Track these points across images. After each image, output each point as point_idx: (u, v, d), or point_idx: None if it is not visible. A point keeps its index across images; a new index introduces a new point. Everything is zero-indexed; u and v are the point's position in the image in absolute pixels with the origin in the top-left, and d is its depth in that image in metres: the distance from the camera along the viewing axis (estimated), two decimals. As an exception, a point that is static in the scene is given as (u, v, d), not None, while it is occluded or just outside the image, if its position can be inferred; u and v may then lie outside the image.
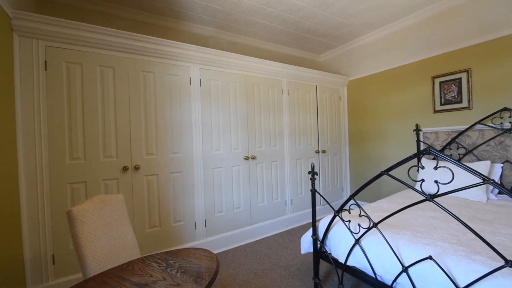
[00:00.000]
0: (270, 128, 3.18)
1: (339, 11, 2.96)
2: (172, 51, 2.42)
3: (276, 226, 3.19)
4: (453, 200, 2.40)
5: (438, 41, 3.05)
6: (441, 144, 3.03)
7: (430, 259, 1.31)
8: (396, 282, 1.46)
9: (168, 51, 2.40)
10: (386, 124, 3.65)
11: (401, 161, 1.37)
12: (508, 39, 2.57)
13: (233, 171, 2.85)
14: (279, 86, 3.28)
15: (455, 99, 2.95)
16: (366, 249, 1.63)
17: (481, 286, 1.15)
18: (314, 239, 1.99)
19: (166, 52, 2.40)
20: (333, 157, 3.90)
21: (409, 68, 3.35)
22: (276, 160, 3.22)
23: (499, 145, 2.61)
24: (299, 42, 3.81)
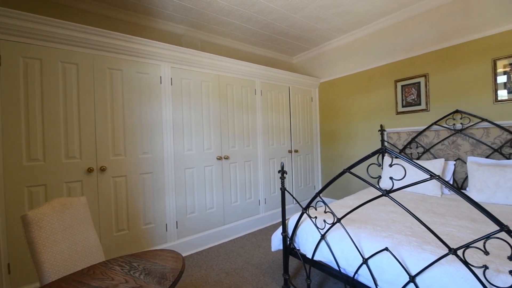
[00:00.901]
0: (243, 128, 3.20)
1: (310, 15, 3.06)
2: (142, 48, 2.36)
3: (249, 225, 3.22)
4: (412, 195, 2.58)
5: (400, 47, 3.26)
6: (402, 143, 3.25)
7: (387, 250, 1.41)
8: (358, 273, 1.55)
9: (137, 49, 2.33)
10: (354, 125, 3.83)
11: (361, 160, 1.47)
12: (459, 48, 2.82)
13: (206, 172, 2.83)
14: (252, 87, 3.31)
15: (415, 101, 3.18)
16: (331, 244, 1.71)
17: (429, 273, 1.26)
18: (284, 236, 2.04)
19: (135, 50, 2.33)
20: (305, 156, 4.02)
21: (375, 72, 3.55)
22: (250, 160, 3.26)
23: (452, 144, 2.86)
24: (272, 44, 3.88)
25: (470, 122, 2.72)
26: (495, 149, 2.56)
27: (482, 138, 2.65)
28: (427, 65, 3.06)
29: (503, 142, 2.53)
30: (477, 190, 2.33)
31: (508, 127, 2.49)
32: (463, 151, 2.78)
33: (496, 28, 2.55)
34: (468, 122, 2.73)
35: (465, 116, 2.76)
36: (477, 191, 2.33)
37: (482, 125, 2.65)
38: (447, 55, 2.91)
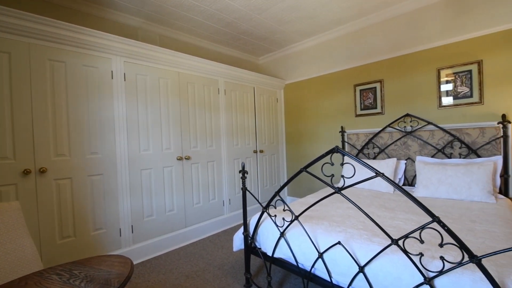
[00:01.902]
0: (206, 127, 3.12)
1: (273, 17, 3.10)
2: (89, 40, 2.17)
3: (213, 226, 3.14)
4: (369, 192, 2.72)
5: (359, 54, 3.45)
6: (361, 144, 3.43)
7: (339, 244, 1.46)
8: (314, 267, 1.58)
9: (84, 40, 2.14)
10: (317, 126, 3.96)
11: (315, 159, 1.50)
12: (409, 57, 3.05)
13: (165, 172, 2.70)
14: (215, 86, 3.25)
15: (372, 105, 3.38)
16: (290, 241, 1.72)
17: (376, 263, 1.32)
18: (245, 236, 2.02)
19: (81, 41, 2.13)
20: (271, 156, 4.05)
21: (336, 76, 3.71)
22: (213, 160, 3.19)
23: (403, 145, 3.08)
24: (237, 43, 3.87)
25: (419, 125, 2.95)
26: (439, 149, 2.81)
27: (428, 139, 2.89)
28: (382, 71, 3.27)
29: (445, 143, 2.78)
30: (423, 186, 2.53)
31: (449, 129, 2.75)
32: (412, 151, 3.01)
33: (440, 41, 2.81)
34: (417, 125, 2.96)
35: (414, 120, 2.99)
36: (423, 187, 2.53)
37: (428, 128, 2.89)
38: (399, 63, 3.14)
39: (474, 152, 2.61)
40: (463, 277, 1.10)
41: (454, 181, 2.37)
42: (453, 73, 2.76)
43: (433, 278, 1.13)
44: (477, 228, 1.64)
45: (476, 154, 2.61)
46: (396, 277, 1.25)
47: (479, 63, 2.61)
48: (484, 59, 2.58)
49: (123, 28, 2.94)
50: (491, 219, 1.78)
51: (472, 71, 2.65)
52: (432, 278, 1.13)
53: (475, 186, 2.26)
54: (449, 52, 2.78)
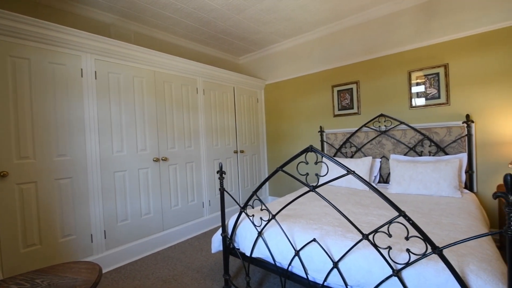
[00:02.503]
0: (184, 128, 3.06)
1: (252, 17, 3.11)
2: (56, 36, 2.05)
3: (193, 229, 3.08)
4: (346, 190, 2.79)
5: (336, 55, 3.54)
6: (339, 143, 3.51)
7: (314, 241, 1.48)
8: (292, 265, 1.59)
9: (50, 36, 2.02)
10: (298, 126, 4.01)
11: (291, 159, 1.52)
12: (383, 59, 3.17)
13: (141, 175, 2.61)
14: (193, 85, 3.20)
15: (349, 105, 3.47)
16: (268, 240, 1.72)
17: (349, 258, 1.36)
18: (223, 237, 2.00)
19: (47, 37, 2.01)
20: (251, 156, 4.05)
21: (315, 77, 3.78)
22: (192, 161, 3.13)
23: (378, 144, 3.19)
24: (216, 43, 3.84)
25: (392, 125, 3.07)
26: (410, 148, 2.94)
27: (401, 138, 3.02)
28: (358, 73, 3.38)
29: (416, 142, 2.92)
30: (397, 183, 2.64)
31: (420, 129, 2.89)
32: (387, 149, 3.12)
33: (411, 44, 2.95)
34: (390, 124, 3.08)
35: (388, 119, 3.11)
36: (396, 184, 2.63)
37: (401, 127, 3.02)
38: (373, 65, 3.25)
39: (442, 150, 2.76)
40: (428, 267, 1.15)
41: (424, 177, 2.49)
42: (423, 76, 2.90)
43: (400, 270, 1.17)
44: (443, 221, 1.73)
45: (444, 152, 2.75)
46: (367, 270, 1.29)
47: (445, 66, 2.76)
48: (450, 63, 2.74)
49: (95, 24, 2.82)
50: (456, 213, 1.88)
51: (439, 74, 2.80)
52: (399, 270, 1.17)
53: (443, 182, 2.39)
54: (419, 56, 2.92)
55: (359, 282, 1.31)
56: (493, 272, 1.08)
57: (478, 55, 2.60)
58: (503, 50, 2.47)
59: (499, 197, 0.91)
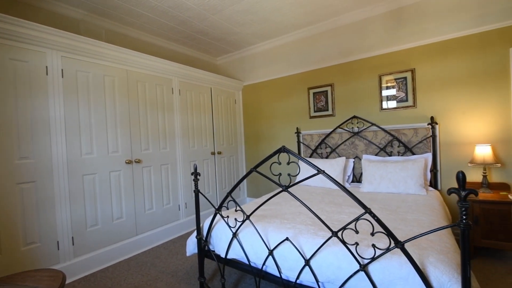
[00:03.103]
0: (159, 129, 2.98)
1: (229, 18, 3.11)
2: (17, 30, 1.92)
3: (168, 232, 3.01)
4: (321, 189, 2.87)
5: (312, 58, 3.63)
6: (315, 144, 3.60)
7: (287, 240, 1.51)
8: (266, 265, 1.61)
9: (10, 30, 1.88)
10: (275, 127, 4.06)
11: (264, 159, 1.54)
12: (355, 63, 3.30)
13: (112, 177, 2.51)
14: (169, 85, 3.13)
15: (324, 107, 3.57)
16: (242, 241, 1.73)
17: (320, 255, 1.40)
18: (198, 239, 1.98)
19: (8, 31, 1.87)
20: (229, 158, 4.03)
21: (292, 79, 3.85)
22: (167, 163, 3.06)
23: (352, 144, 3.31)
24: (193, 42, 3.79)
25: (364, 126, 3.20)
26: (381, 148, 3.08)
27: (372, 139, 3.15)
28: (332, 76, 3.49)
29: (386, 142, 3.06)
30: (368, 182, 2.75)
31: (389, 130, 3.04)
32: (359, 150, 3.25)
33: (381, 49, 3.10)
34: (363, 126, 3.21)
35: (360, 121, 3.24)
36: (368, 183, 2.75)
37: (372, 128, 3.15)
38: (347, 69, 3.37)
39: (409, 150, 2.92)
40: (392, 261, 1.21)
41: (393, 176, 2.62)
42: (392, 79, 3.06)
43: (367, 265, 1.23)
44: (408, 217, 1.83)
45: (411, 152, 2.92)
46: (337, 266, 1.33)
47: (412, 71, 2.93)
48: (417, 68, 2.91)
49: (63, 20, 2.67)
50: (421, 209, 2.00)
51: (407, 78, 2.97)
52: (366, 265, 1.22)
53: (410, 180, 2.53)
54: (389, 60, 3.07)
55: (330, 278, 1.36)
56: (450, 263, 1.16)
57: (441, 61, 2.79)
58: (463, 57, 2.67)
59: (453, 193, 0.99)
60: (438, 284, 1.09)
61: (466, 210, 0.97)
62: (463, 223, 0.97)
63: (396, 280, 1.18)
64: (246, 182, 4.37)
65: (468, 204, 0.97)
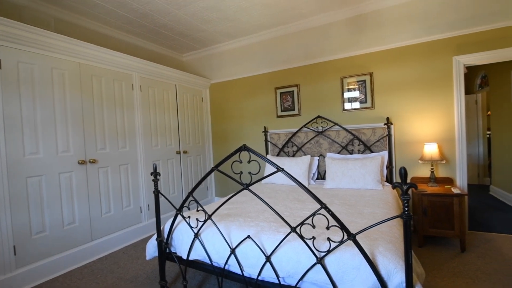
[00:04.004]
0: (117, 127, 2.81)
1: (194, 14, 3.03)
2: None
3: (129, 236, 2.84)
4: (287, 187, 2.92)
5: (279, 59, 3.68)
6: (282, 143, 3.66)
7: (249, 238, 1.50)
8: (228, 264, 1.59)
9: None
10: (243, 126, 4.05)
11: (225, 158, 1.53)
12: (320, 65, 3.42)
13: (62, 179, 2.30)
14: (129, 81, 2.96)
15: (290, 107, 3.65)
16: (205, 241, 1.69)
17: (281, 250, 1.42)
18: (159, 241, 1.89)
19: None
20: (196, 157, 3.93)
21: (259, 78, 3.87)
22: (127, 163, 2.89)
23: (316, 143, 3.43)
24: (157, 37, 3.63)
25: (328, 126, 3.33)
26: (343, 147, 3.23)
27: (335, 138, 3.29)
28: (298, 77, 3.58)
29: (348, 141, 3.22)
30: (331, 179, 2.86)
31: (351, 129, 3.19)
32: (324, 148, 3.37)
33: (343, 53, 3.25)
34: (326, 125, 3.34)
35: (324, 121, 3.36)
36: (331, 180, 2.86)
37: (335, 128, 3.29)
38: (312, 70, 3.48)
39: (368, 148, 3.10)
40: (346, 253, 1.27)
41: (354, 173, 2.76)
42: (353, 82, 3.22)
43: (323, 257, 1.27)
44: (365, 211, 1.94)
45: (370, 150, 3.10)
46: (296, 261, 1.36)
47: (371, 75, 3.11)
48: (374, 71, 3.10)
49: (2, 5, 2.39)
50: (376, 203, 2.12)
51: (366, 81, 3.14)
52: (322, 258, 1.27)
53: (368, 176, 2.68)
54: (350, 64, 3.23)
55: (289, 273, 1.38)
56: (396, 252, 1.25)
57: (396, 66, 3.00)
58: (414, 63, 2.90)
59: (396, 187, 1.05)
60: (385, 271, 1.17)
61: (407, 202, 1.04)
62: (405, 214, 1.04)
63: (349, 270, 1.23)
64: (214, 182, 4.30)
65: (409, 197, 1.04)
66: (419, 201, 2.49)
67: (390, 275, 1.16)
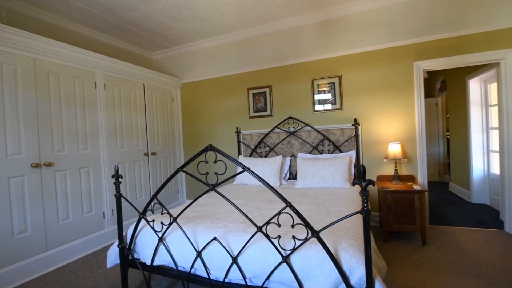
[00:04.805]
0: (78, 127, 2.62)
1: (163, 11, 2.93)
2: None
3: (90, 244, 2.65)
4: (258, 188, 2.90)
5: (251, 60, 3.68)
6: (254, 143, 3.66)
7: (215, 239, 1.46)
8: (194, 268, 1.54)
9: None
10: (215, 126, 3.99)
11: (191, 159, 1.49)
12: (292, 67, 3.47)
13: (12, 184, 2.08)
14: (91, 79, 2.78)
15: (263, 108, 3.66)
16: (170, 245, 1.62)
17: (247, 251, 1.39)
18: (121, 248, 1.78)
19: None
20: (165, 159, 3.80)
21: (232, 79, 3.85)
22: (88, 165, 2.70)
23: (288, 143, 3.47)
24: (124, 34, 3.47)
25: (299, 126, 3.39)
26: (314, 147, 3.30)
27: (306, 138, 3.35)
28: (271, 78, 3.60)
29: (318, 141, 3.29)
30: (302, 178, 2.91)
31: (321, 130, 3.27)
32: (295, 148, 3.42)
33: (314, 56, 3.33)
34: (298, 126, 3.39)
35: (295, 122, 3.41)
36: (302, 179, 2.90)
37: (306, 129, 3.36)
38: (284, 72, 3.53)
39: (337, 148, 3.19)
40: (311, 250, 1.28)
41: (323, 172, 2.82)
42: (323, 84, 3.31)
43: (289, 256, 1.27)
44: (332, 209, 1.98)
45: (339, 150, 3.19)
46: (262, 260, 1.34)
47: (339, 77, 3.22)
48: (343, 74, 3.21)
49: None
50: (344, 201, 2.18)
51: (335, 83, 3.24)
52: (287, 256, 1.26)
53: (337, 175, 2.76)
54: (320, 66, 3.32)
55: (256, 273, 1.36)
56: (359, 247, 1.28)
57: (363, 70, 3.13)
58: (380, 67, 3.05)
59: (356, 184, 1.08)
60: (347, 266, 1.19)
61: (366, 198, 1.07)
62: (364, 210, 1.07)
63: (314, 267, 1.24)
64: (185, 184, 4.18)
65: (368, 193, 1.08)
66: (384, 198, 2.61)
67: (352, 269, 1.18)
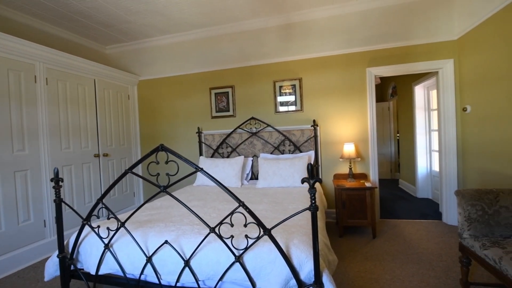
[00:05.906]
0: (12, 125, 2.32)
1: (117, 3, 2.75)
2: None
3: (27, 256, 2.35)
4: (218, 189, 2.84)
5: (214, 59, 3.63)
6: (216, 144, 3.60)
7: (166, 243, 1.39)
8: (144, 274, 1.45)
9: None
10: (176, 126, 3.85)
11: (141, 159, 1.42)
12: (254, 68, 3.50)
13: None
14: (30, 72, 2.48)
15: (225, 108, 3.62)
16: (118, 252, 1.51)
17: (201, 253, 1.35)
18: (61, 258, 1.61)
19: None
20: (120, 160, 3.55)
21: (193, 77, 3.75)
22: (25, 168, 2.40)
23: (250, 144, 3.48)
24: (71, 25, 3.17)
25: (261, 127, 3.42)
26: (275, 147, 3.36)
27: (268, 139, 3.40)
28: (233, 78, 3.59)
29: (279, 142, 3.36)
30: (263, 178, 2.93)
31: (282, 131, 3.35)
32: (257, 149, 3.44)
33: (276, 58, 3.40)
34: (260, 127, 3.42)
35: (258, 122, 3.44)
36: (263, 179, 2.93)
37: (268, 129, 3.40)
38: (247, 73, 3.54)
39: (298, 148, 3.29)
40: (263, 248, 1.28)
41: (284, 172, 2.88)
42: (285, 86, 3.39)
43: (241, 255, 1.26)
44: (289, 207, 2.03)
45: (299, 150, 3.29)
46: (215, 261, 1.31)
47: (300, 80, 3.32)
48: (303, 77, 3.32)
49: None
50: (301, 199, 2.25)
51: (296, 86, 3.34)
52: (240, 255, 1.25)
53: (296, 175, 2.84)
54: (282, 69, 3.40)
55: (209, 275, 1.33)
56: (309, 242, 1.31)
57: (321, 73, 3.28)
58: (337, 71, 3.23)
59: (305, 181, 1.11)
60: (298, 261, 1.22)
61: (314, 195, 1.11)
62: (312, 207, 1.11)
63: (266, 264, 1.25)
64: (143, 187, 3.95)
65: (315, 190, 1.11)
66: (339, 195, 2.74)
67: (302, 264, 1.21)
